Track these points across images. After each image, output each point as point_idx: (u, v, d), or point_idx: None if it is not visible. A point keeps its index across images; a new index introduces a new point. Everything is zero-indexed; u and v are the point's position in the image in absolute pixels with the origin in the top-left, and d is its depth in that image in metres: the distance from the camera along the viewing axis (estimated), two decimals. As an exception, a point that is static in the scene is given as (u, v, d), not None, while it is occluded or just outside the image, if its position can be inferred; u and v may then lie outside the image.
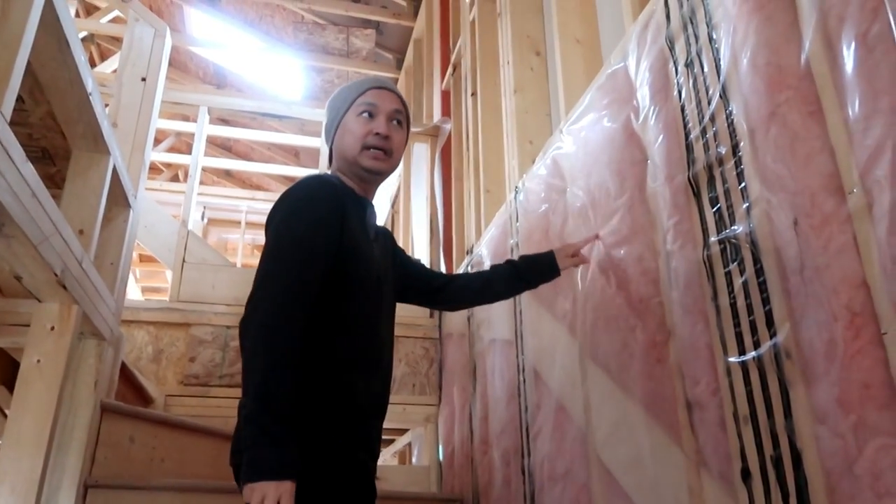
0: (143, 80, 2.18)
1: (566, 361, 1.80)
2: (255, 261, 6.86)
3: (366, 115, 1.38)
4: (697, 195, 1.28)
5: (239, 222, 7.29)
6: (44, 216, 1.23)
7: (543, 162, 2.10)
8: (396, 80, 5.63)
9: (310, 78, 5.91)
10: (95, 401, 1.76)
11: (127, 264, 2.01)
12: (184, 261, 3.10)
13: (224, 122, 7.22)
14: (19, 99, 1.57)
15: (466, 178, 3.06)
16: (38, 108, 1.62)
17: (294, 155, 7.74)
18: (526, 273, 1.67)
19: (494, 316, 2.44)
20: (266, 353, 1.10)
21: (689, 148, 1.32)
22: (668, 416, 1.31)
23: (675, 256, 1.33)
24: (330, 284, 1.23)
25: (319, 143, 3.63)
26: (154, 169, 8.42)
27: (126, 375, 2.32)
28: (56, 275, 1.34)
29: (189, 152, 7.78)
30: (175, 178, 8.16)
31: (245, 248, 8.42)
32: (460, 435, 2.72)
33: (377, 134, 1.36)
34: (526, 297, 2.14)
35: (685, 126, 1.34)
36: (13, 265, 1.29)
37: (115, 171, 1.77)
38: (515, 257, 2.28)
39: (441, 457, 2.97)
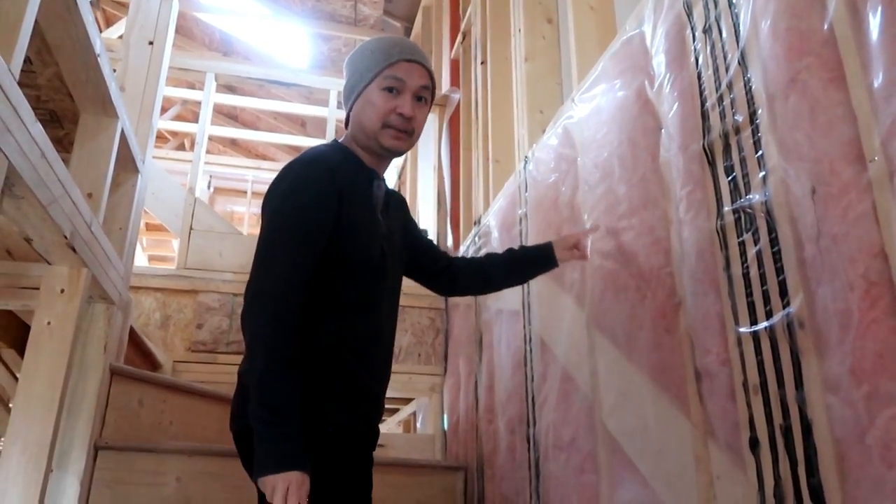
0: (151, 43, 2.16)
1: (573, 331, 1.80)
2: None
3: (392, 91, 1.31)
4: (712, 164, 1.26)
5: (245, 192, 7.30)
6: (53, 178, 1.22)
7: (554, 131, 2.08)
8: (404, 50, 5.56)
9: (316, 46, 5.85)
10: (105, 364, 1.77)
11: (135, 230, 2.01)
12: (191, 228, 3.10)
13: (230, 90, 7.18)
14: (27, 60, 1.56)
15: (475, 149, 3.04)
16: (46, 70, 1.60)
17: (300, 124, 7.70)
18: (523, 266, 1.70)
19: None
20: (266, 348, 1.11)
21: (704, 116, 1.30)
22: (676, 385, 1.31)
23: (687, 226, 1.32)
24: (326, 266, 1.21)
25: (326, 112, 3.60)
26: (160, 137, 8.39)
27: (135, 341, 2.34)
28: (65, 237, 1.33)
29: (195, 121, 7.76)
30: (181, 147, 8.14)
31: (251, 217, 8.42)
32: (465, 404, 2.74)
33: (400, 114, 1.30)
34: (534, 268, 2.14)
35: (701, 94, 1.32)
36: (23, 226, 1.29)
37: (123, 135, 1.76)
38: (524, 228, 2.28)
39: (445, 426, 3.00)
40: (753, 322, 1.10)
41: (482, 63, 3.05)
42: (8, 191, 1.12)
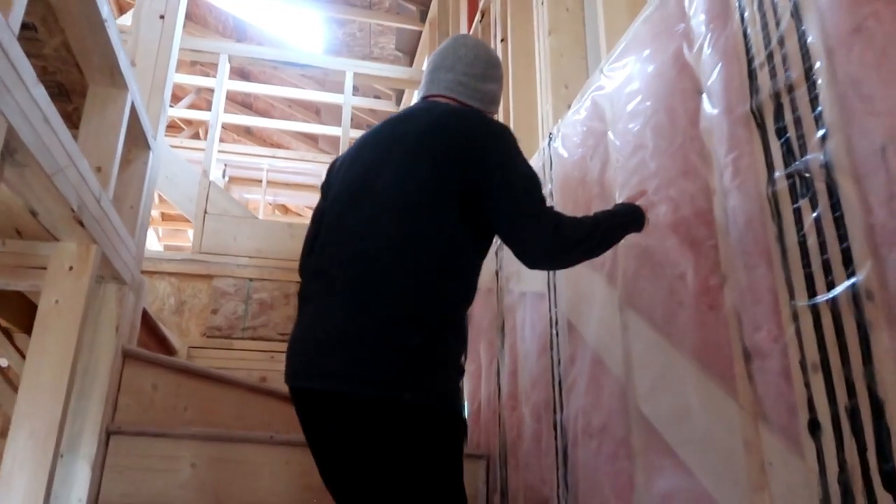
0: (162, 17, 2.09)
1: (604, 312, 1.71)
2: (277, 219, 6.79)
3: None
4: (761, 126, 1.17)
5: (260, 181, 7.25)
6: (58, 145, 1.15)
7: (581, 105, 1.99)
8: (419, 34, 5.47)
9: (331, 31, 5.77)
10: (117, 346, 1.71)
11: (147, 208, 1.94)
12: (205, 212, 3.04)
13: (244, 77, 7.12)
14: (32, 27, 1.49)
15: (495, 129, 2.95)
16: (53, 39, 1.53)
17: (315, 112, 7.63)
18: None
19: (525, 269, 2.35)
20: (584, 235, 1.31)
21: (752, 76, 1.21)
22: (722, 366, 1.22)
23: (732, 195, 1.23)
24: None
25: (341, 99, 3.52)
26: (174, 126, 8.36)
27: (149, 325, 2.28)
28: (73, 210, 1.27)
29: (210, 109, 7.71)
30: (196, 136, 8.10)
31: (266, 207, 8.39)
32: (487, 391, 2.66)
33: None
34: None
35: (748, 52, 1.22)
36: (28, 198, 1.22)
37: (133, 109, 1.69)
38: (549, 205, 2.18)
39: (467, 413, 2.92)
40: (812, 295, 1.01)
41: (502, 40, 2.95)
42: (9, 157, 1.05)
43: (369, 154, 1.35)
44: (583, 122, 1.97)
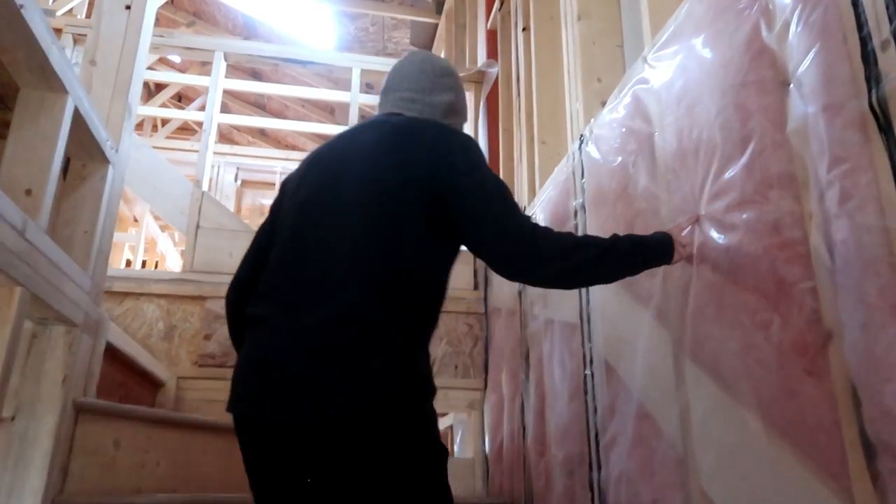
0: (128, 8, 1.80)
1: (653, 357, 1.39)
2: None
3: None
4: (886, 129, 0.84)
5: (273, 184, 7.00)
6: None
7: (619, 102, 1.66)
8: (436, 26, 5.16)
9: (342, 26, 5.48)
10: (65, 400, 1.42)
11: (108, 232, 1.66)
12: (198, 226, 2.76)
13: (255, 76, 6.87)
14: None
15: (517, 129, 2.63)
16: (-29, 33, 1.24)
17: (329, 112, 7.37)
18: None
19: (553, 293, 2.03)
20: (578, 256, 1.13)
21: (868, 60, 0.88)
22: (826, 455, 0.90)
23: (840, 223, 0.90)
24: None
25: (349, 97, 3.22)
26: (188, 129, 8.16)
27: (123, 360, 2.01)
28: (-28, 250, 0.98)
29: (226, 111, 7.47)
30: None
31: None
32: (510, 428, 2.34)
33: None
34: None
35: (861, 28, 0.89)
36: None
37: (78, 116, 1.40)
38: (580, 222, 1.86)
39: (487, 449, 2.61)
40: None
41: (524, 29, 2.63)
42: None
43: (324, 170, 1.24)
44: (622, 121, 1.65)
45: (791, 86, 1.02)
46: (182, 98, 8.36)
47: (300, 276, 1.12)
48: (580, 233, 1.84)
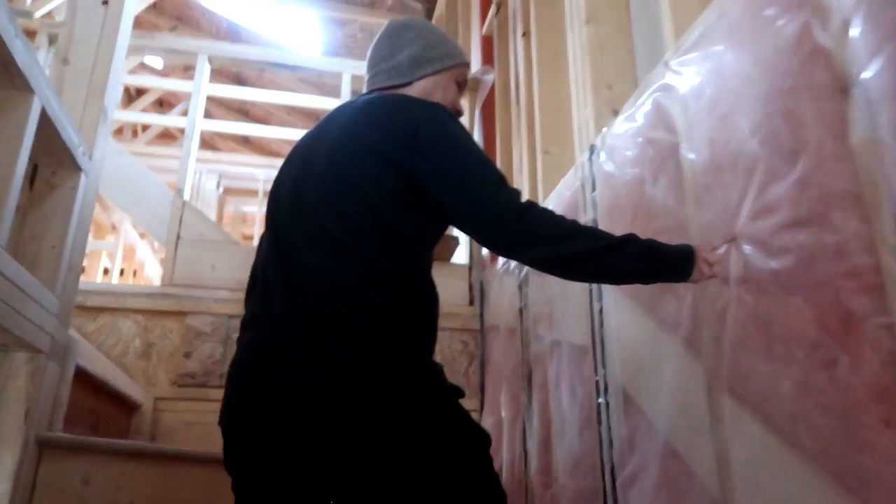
0: (105, 3, 1.66)
1: (682, 390, 1.27)
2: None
3: (459, 87, 1.36)
4: (984, 143, 0.73)
5: (256, 192, 6.82)
6: None
7: (637, 110, 1.55)
8: (426, 34, 5.04)
9: (329, 32, 5.36)
10: (27, 436, 1.28)
11: (79, 247, 1.51)
12: (178, 237, 2.61)
13: (240, 81, 6.71)
14: None
15: (517, 138, 2.51)
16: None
17: (315, 119, 7.22)
18: None
19: (560, 311, 1.91)
20: (570, 239, 1.08)
21: (957, 63, 0.76)
22: (908, 516, 0.78)
23: (923, 249, 0.78)
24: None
25: (338, 103, 3.09)
26: (169, 136, 7.97)
27: (94, 383, 1.85)
28: None
29: (208, 117, 7.32)
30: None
31: (263, 219, 7.95)
32: (511, 454, 2.21)
33: (458, 111, 1.35)
34: (611, 292, 1.61)
35: (946, 26, 0.78)
36: None
37: (46, 118, 1.26)
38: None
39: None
40: None
41: (524, 35, 2.52)
42: None
43: (298, 160, 1.23)
44: (640, 131, 1.53)
45: (854, 91, 0.91)
46: (163, 104, 8.18)
47: (277, 281, 1.10)
48: (592, 250, 1.72)
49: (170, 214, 2.62)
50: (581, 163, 1.85)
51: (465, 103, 3.16)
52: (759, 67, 1.11)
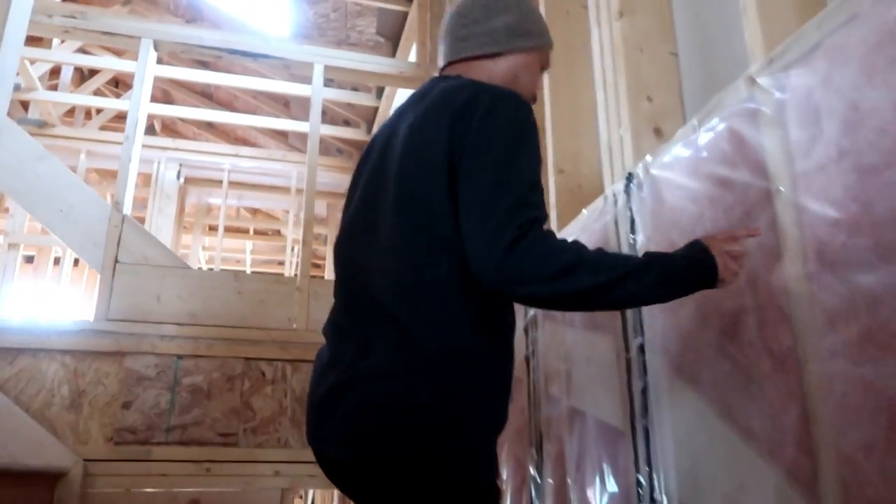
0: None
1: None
2: (241, 224, 5.99)
3: (542, 72, 1.22)
4: None
5: (220, 182, 6.34)
6: None
7: (700, 135, 1.18)
8: (405, 16, 4.61)
9: (300, 11, 4.88)
10: None
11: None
12: (116, 261, 2.19)
13: (202, 64, 6.19)
14: None
15: (519, 148, 2.13)
16: None
17: (283, 105, 6.75)
18: None
19: (581, 375, 1.55)
20: (593, 266, 0.91)
21: None
22: None
23: None
24: None
25: (310, 90, 2.68)
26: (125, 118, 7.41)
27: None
28: None
29: (168, 100, 6.77)
30: (151, 131, 7.13)
31: (229, 210, 7.47)
32: (514, 530, 1.86)
33: (535, 99, 1.19)
34: (661, 368, 1.25)
35: None
36: None
37: None
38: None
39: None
40: None
41: (530, 25, 2.12)
42: None
43: (370, 169, 1.12)
44: (705, 165, 1.17)
45: None
46: (119, 83, 7.60)
47: (351, 294, 1.06)
48: (630, 311, 1.36)
49: (105, 233, 2.19)
50: (613, 193, 1.48)
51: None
52: (936, 102, 0.75)
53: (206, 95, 7.17)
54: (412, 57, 4.54)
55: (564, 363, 1.65)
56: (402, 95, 4.56)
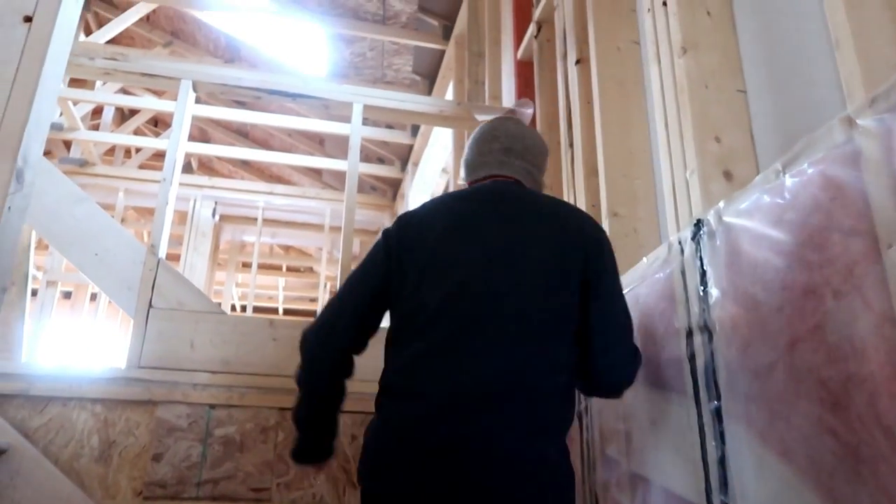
0: (28, 20, 1.19)
1: None
2: (274, 261, 5.95)
3: None
4: None
5: (255, 220, 6.36)
6: None
7: (786, 181, 1.07)
8: (441, 54, 4.59)
9: (337, 51, 4.90)
10: None
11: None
12: (150, 305, 2.12)
13: (240, 104, 6.25)
14: None
15: (567, 189, 2.04)
16: None
17: (318, 143, 6.77)
18: None
19: (644, 438, 1.42)
20: None
21: None
22: None
23: None
24: None
25: (348, 129, 2.63)
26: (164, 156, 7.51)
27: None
28: None
29: (205, 139, 6.84)
30: (188, 169, 7.20)
31: (262, 248, 7.48)
32: None
33: None
34: (743, 435, 1.12)
35: None
36: None
37: None
38: (699, 350, 1.27)
39: None
40: None
41: (578, 62, 2.04)
42: None
43: (479, 245, 1.24)
44: (794, 214, 1.05)
45: None
46: (158, 122, 7.74)
47: (474, 379, 1.15)
48: (702, 372, 1.23)
49: (140, 277, 2.14)
50: (679, 240, 1.37)
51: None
52: None
53: (243, 133, 7.25)
54: (449, 95, 4.51)
55: (622, 423, 1.52)
56: (437, 134, 4.51)
